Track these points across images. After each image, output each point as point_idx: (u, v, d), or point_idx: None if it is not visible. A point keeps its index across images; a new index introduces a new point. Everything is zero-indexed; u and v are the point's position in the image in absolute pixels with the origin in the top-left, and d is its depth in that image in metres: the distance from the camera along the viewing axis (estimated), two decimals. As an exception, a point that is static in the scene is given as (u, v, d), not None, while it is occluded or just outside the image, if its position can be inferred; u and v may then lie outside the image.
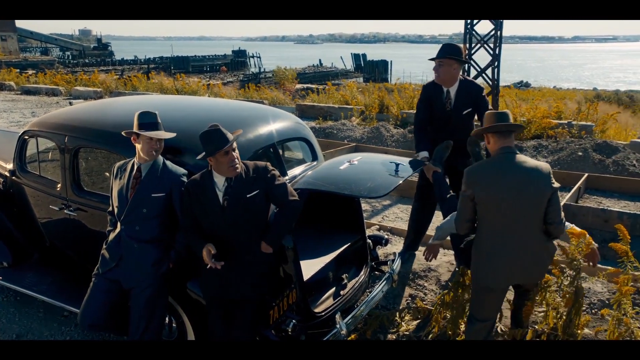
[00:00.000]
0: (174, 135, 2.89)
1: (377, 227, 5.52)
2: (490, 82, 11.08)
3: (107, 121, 3.51)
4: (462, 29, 11.09)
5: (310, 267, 3.31)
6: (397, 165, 3.29)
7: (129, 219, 2.86)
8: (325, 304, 3.33)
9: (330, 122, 11.24)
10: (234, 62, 48.60)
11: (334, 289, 3.48)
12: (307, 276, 3.18)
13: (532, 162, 2.77)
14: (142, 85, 17.70)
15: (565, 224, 2.85)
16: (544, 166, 2.77)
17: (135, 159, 2.89)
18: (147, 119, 2.81)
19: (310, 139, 3.94)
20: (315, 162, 3.85)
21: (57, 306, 3.59)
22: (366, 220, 4.68)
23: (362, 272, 3.72)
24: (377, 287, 3.61)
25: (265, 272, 2.85)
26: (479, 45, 11.05)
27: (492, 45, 10.83)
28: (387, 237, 4.25)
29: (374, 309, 3.68)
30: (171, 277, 2.95)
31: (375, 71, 38.81)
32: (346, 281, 3.53)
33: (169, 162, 2.92)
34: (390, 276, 3.74)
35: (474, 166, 2.94)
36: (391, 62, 41.91)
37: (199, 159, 2.70)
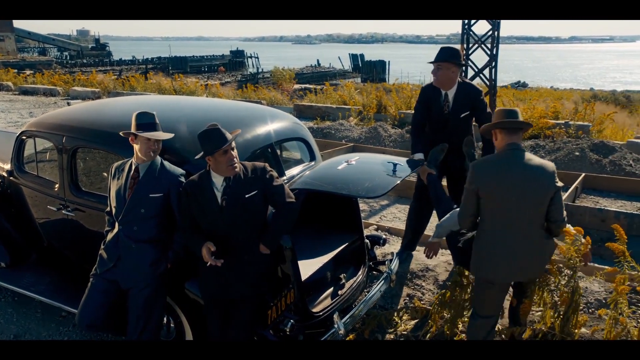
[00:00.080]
0: (172, 135, 2.89)
1: (375, 227, 5.53)
2: (487, 82, 11.11)
3: (105, 121, 3.51)
4: (459, 29, 11.14)
5: (308, 267, 3.31)
6: (394, 165, 3.30)
7: (127, 219, 2.86)
8: (323, 303, 3.33)
9: (328, 122, 11.24)
10: (232, 62, 48.58)
11: (332, 289, 3.49)
12: (305, 276, 3.18)
13: (537, 160, 2.79)
14: (140, 85, 17.67)
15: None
16: (549, 165, 2.80)
17: (133, 159, 2.89)
18: (145, 120, 2.81)
19: (308, 139, 3.95)
20: (313, 162, 3.86)
21: (55, 306, 3.59)
22: (364, 220, 4.69)
23: (360, 272, 3.73)
24: (375, 287, 3.61)
25: (264, 272, 2.85)
26: (476, 45, 11.08)
27: (489, 45, 10.87)
28: (385, 237, 4.26)
29: (372, 309, 3.68)
30: (169, 277, 2.95)
31: (373, 71, 38.79)
32: (344, 281, 3.54)
33: (166, 163, 2.92)
34: (388, 276, 3.75)
35: (480, 161, 2.96)
36: (389, 62, 41.96)
37: (198, 158, 2.70)
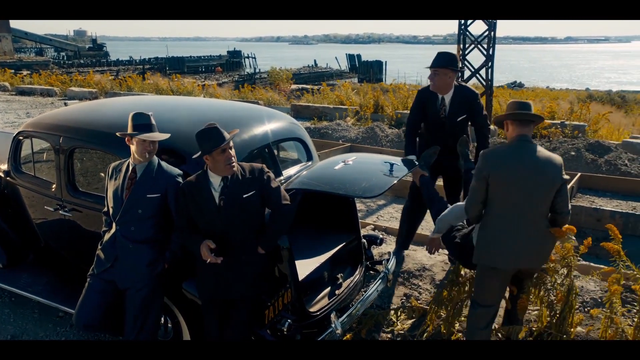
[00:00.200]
0: (167, 136, 2.89)
1: (372, 226, 5.55)
2: (484, 83, 11.14)
3: (102, 122, 3.51)
4: (456, 29, 11.14)
5: (305, 266, 3.32)
6: (391, 165, 3.31)
7: (124, 220, 2.86)
8: (320, 303, 3.34)
9: (325, 123, 11.26)
10: (229, 62, 48.44)
11: (329, 289, 3.49)
12: (302, 276, 3.19)
13: (546, 153, 2.86)
14: (138, 85, 17.65)
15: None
16: (557, 158, 2.86)
17: (130, 160, 2.89)
18: (140, 121, 2.81)
19: (305, 139, 3.95)
20: (310, 162, 3.87)
21: (52, 307, 3.59)
22: (361, 220, 4.69)
23: (357, 272, 3.74)
24: (372, 286, 3.62)
25: (262, 272, 2.86)
26: (472, 45, 11.10)
27: (485, 45, 10.89)
28: (381, 236, 4.27)
29: (369, 309, 3.69)
30: (166, 277, 2.95)
31: (370, 71, 38.76)
32: (341, 281, 3.55)
33: (164, 163, 2.92)
34: (385, 275, 3.76)
35: (490, 149, 3.02)
36: (386, 62, 41.96)
37: (196, 157, 2.71)
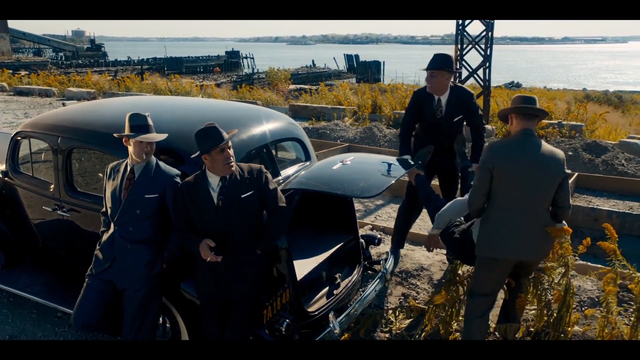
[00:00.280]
0: (164, 137, 2.89)
1: (370, 226, 5.56)
2: (481, 83, 11.16)
3: (100, 122, 3.51)
4: (453, 30, 11.16)
5: (303, 266, 3.33)
6: (389, 165, 3.32)
7: (123, 220, 2.86)
8: (318, 303, 3.35)
9: (323, 123, 11.26)
10: (227, 63, 48.36)
11: (327, 289, 3.50)
12: (301, 276, 3.20)
13: (549, 147, 2.89)
14: (136, 86, 17.62)
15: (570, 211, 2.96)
16: (559, 153, 2.90)
17: (128, 160, 2.89)
18: (137, 122, 2.80)
19: (303, 139, 3.96)
20: (308, 162, 3.88)
21: (51, 307, 3.59)
22: (359, 219, 4.70)
23: (355, 272, 3.75)
24: (370, 286, 3.63)
25: (261, 272, 2.87)
26: (470, 46, 11.13)
27: (483, 46, 10.92)
28: (379, 236, 4.27)
29: (367, 308, 3.70)
30: (165, 277, 2.96)
31: (367, 72, 38.75)
32: (339, 280, 3.55)
33: (162, 163, 2.92)
34: (383, 275, 3.77)
35: (495, 142, 3.04)
36: (384, 62, 41.92)
37: (194, 157, 2.71)
